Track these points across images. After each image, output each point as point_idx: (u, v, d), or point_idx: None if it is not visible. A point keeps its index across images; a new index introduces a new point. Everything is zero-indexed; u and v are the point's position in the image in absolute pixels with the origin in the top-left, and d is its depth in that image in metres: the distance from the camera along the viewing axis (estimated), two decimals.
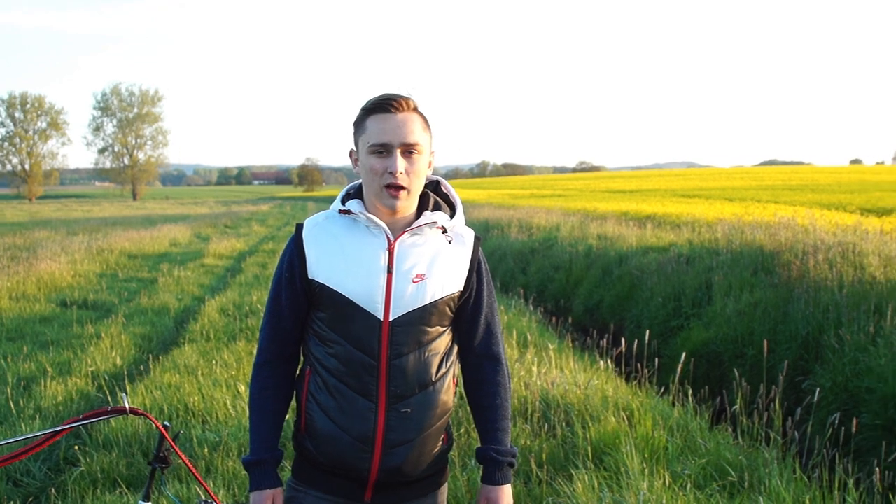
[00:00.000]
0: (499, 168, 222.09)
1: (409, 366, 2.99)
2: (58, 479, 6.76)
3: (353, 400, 2.98)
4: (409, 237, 3.02)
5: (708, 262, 14.49)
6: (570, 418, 7.36)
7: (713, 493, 5.88)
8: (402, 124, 2.93)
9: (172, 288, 17.87)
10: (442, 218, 3.07)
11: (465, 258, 3.11)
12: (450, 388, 3.11)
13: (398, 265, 2.98)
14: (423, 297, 2.99)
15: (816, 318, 10.32)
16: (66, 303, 15.76)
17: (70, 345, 11.47)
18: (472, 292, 3.13)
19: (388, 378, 2.97)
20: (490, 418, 3.14)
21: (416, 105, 3.00)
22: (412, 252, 3.00)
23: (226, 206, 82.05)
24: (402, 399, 2.99)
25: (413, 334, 2.99)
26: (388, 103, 2.93)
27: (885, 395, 8.24)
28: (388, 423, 2.98)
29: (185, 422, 7.63)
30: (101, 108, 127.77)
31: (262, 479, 3.05)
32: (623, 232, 20.43)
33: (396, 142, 2.91)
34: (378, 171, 2.94)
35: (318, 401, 3.04)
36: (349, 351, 2.97)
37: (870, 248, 12.04)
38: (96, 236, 30.34)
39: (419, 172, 2.99)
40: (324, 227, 3.07)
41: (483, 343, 3.17)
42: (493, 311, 3.20)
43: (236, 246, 29.79)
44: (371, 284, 2.96)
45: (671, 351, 11.94)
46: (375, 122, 2.94)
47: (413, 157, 2.95)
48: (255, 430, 3.11)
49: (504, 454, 3.09)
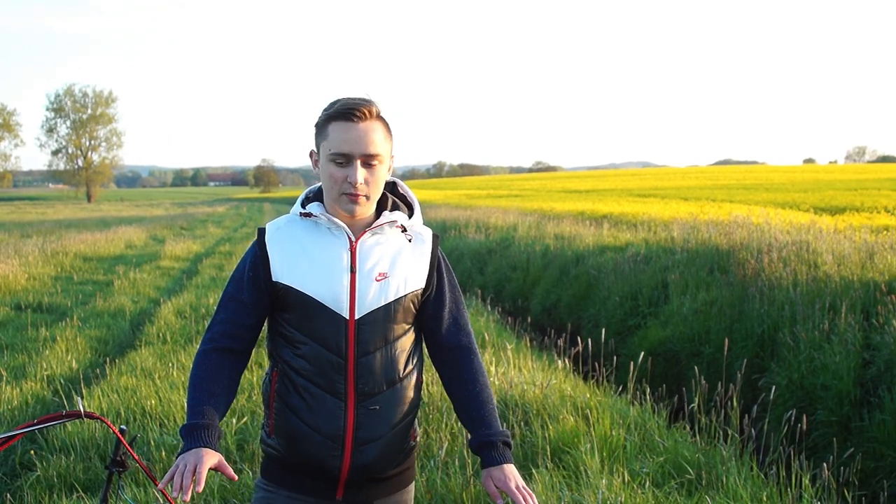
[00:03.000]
0: (455, 168, 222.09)
1: (377, 363, 3.02)
2: (13, 485, 6.70)
3: (322, 399, 3.00)
4: (371, 237, 3.06)
5: (664, 262, 14.58)
6: (528, 418, 7.37)
7: (671, 490, 5.91)
8: (364, 135, 2.95)
9: (128, 290, 17.74)
10: (401, 217, 3.10)
11: (425, 256, 3.14)
12: (416, 386, 3.14)
13: (361, 264, 3.01)
14: (386, 294, 3.02)
15: (772, 316, 10.41)
16: (20, 306, 15.60)
17: (25, 348, 11.35)
18: (433, 289, 3.16)
19: (355, 376, 3.00)
20: (474, 406, 3.14)
21: (379, 111, 3.02)
22: (374, 251, 3.04)
23: (182, 207, 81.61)
24: (370, 396, 3.02)
25: (379, 332, 3.02)
26: (352, 112, 2.95)
27: (840, 392, 8.33)
28: (357, 421, 3.01)
29: (143, 425, 7.57)
30: (55, 110, 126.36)
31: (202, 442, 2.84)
32: (580, 232, 20.50)
33: (357, 153, 2.94)
34: (338, 179, 2.97)
35: (287, 401, 3.04)
36: (317, 350, 2.99)
37: (823, 247, 12.16)
38: (50, 238, 30.06)
39: (378, 181, 3.03)
40: (286, 230, 3.09)
41: (453, 336, 3.19)
42: (459, 304, 3.23)
43: (192, 248, 29.62)
44: (335, 284, 2.99)
45: (629, 350, 12.00)
46: (337, 131, 2.96)
47: (374, 166, 2.98)
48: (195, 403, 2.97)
49: (496, 434, 3.08)
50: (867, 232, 13.44)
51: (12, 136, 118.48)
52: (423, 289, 3.13)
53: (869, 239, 12.49)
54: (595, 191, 45.95)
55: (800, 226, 15.08)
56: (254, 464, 6.72)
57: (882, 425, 7.73)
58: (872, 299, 9.69)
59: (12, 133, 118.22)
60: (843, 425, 8.19)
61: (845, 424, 8.20)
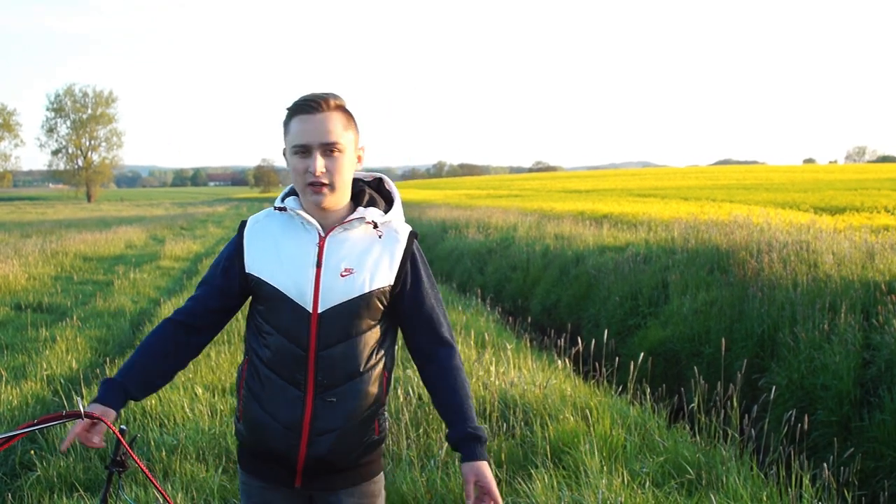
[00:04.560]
0: (455, 168, 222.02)
1: (337, 356, 3.09)
2: (14, 485, 6.69)
3: (282, 388, 3.10)
4: (341, 232, 3.13)
5: (664, 262, 14.58)
6: (528, 418, 7.37)
7: (671, 490, 5.91)
8: (321, 124, 3.03)
9: (128, 290, 17.74)
10: (373, 214, 3.17)
11: (396, 253, 3.19)
12: (379, 381, 3.19)
13: (327, 260, 3.09)
14: (351, 290, 3.08)
15: (772, 316, 10.41)
16: (20, 306, 15.61)
17: (25, 348, 11.36)
18: (408, 286, 3.21)
19: (316, 368, 3.08)
20: (454, 400, 3.18)
21: (340, 103, 3.11)
22: (342, 247, 3.12)
23: (182, 207, 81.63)
24: (329, 388, 3.09)
25: (341, 326, 3.09)
26: (307, 104, 3.05)
27: (840, 392, 8.33)
28: (314, 412, 3.09)
29: (143, 425, 7.57)
30: (55, 110, 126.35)
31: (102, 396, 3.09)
32: (580, 231, 20.49)
33: (315, 142, 3.03)
34: (300, 170, 3.06)
35: (252, 389, 3.17)
36: (281, 341, 3.10)
37: (823, 247, 12.16)
38: (50, 239, 30.06)
39: (341, 170, 3.09)
40: (263, 224, 3.23)
41: (431, 333, 3.25)
42: (437, 300, 3.29)
43: (192, 248, 29.64)
44: (300, 278, 3.08)
45: (629, 350, 12.00)
46: (297, 123, 3.05)
47: (334, 155, 3.06)
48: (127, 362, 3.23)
49: (479, 430, 3.12)
50: (867, 232, 13.44)
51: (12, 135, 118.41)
52: (392, 286, 3.17)
53: (869, 239, 12.49)
54: (595, 191, 45.95)
55: (800, 226, 15.09)
56: None
57: (882, 425, 7.73)
58: (872, 299, 9.68)
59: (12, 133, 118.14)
60: (843, 425, 8.19)
61: (845, 424, 8.19)
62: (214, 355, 9.94)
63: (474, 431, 3.10)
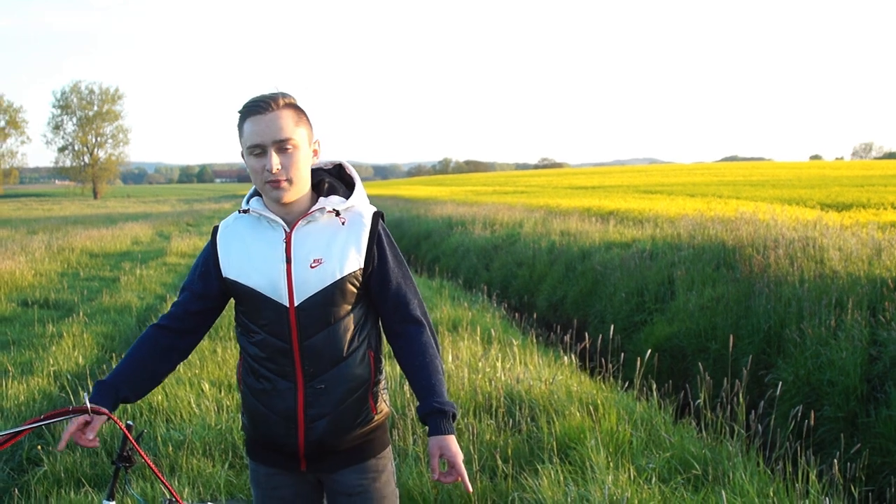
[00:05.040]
0: (461, 165, 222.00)
1: (320, 345, 3.19)
2: (21, 480, 6.71)
3: (274, 381, 3.24)
4: (305, 225, 3.23)
5: (670, 258, 14.56)
6: (534, 413, 7.38)
7: (677, 486, 5.91)
8: (273, 122, 3.11)
9: (134, 286, 17.78)
10: (333, 202, 3.26)
11: (362, 236, 3.26)
12: (364, 362, 3.28)
13: (295, 253, 3.19)
14: (323, 279, 3.18)
15: (778, 313, 10.39)
16: (27, 302, 15.65)
17: (32, 344, 11.38)
18: (374, 265, 3.28)
19: (301, 358, 3.20)
20: (423, 375, 3.24)
21: (290, 101, 3.19)
22: (308, 239, 3.21)
23: (188, 204, 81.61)
24: (316, 377, 3.21)
25: (319, 316, 3.19)
26: (256, 105, 3.12)
27: (847, 388, 8.32)
28: (306, 400, 3.22)
29: (149, 420, 7.59)
30: (61, 107, 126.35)
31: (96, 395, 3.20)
32: (586, 228, 20.47)
33: (268, 140, 3.11)
34: (258, 170, 3.15)
35: (248, 385, 3.32)
36: (265, 338, 3.23)
37: (830, 243, 12.14)
38: (57, 235, 30.15)
39: (297, 164, 3.16)
40: (232, 227, 3.35)
41: (400, 310, 3.32)
42: (405, 279, 3.36)
43: (198, 244, 29.62)
44: (273, 275, 3.19)
45: (635, 346, 12.00)
46: (249, 125, 3.13)
47: (288, 151, 3.14)
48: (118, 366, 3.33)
49: (446, 405, 3.17)
50: (874, 228, 13.41)
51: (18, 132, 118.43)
52: (363, 268, 3.25)
53: (876, 235, 12.47)
54: (601, 187, 45.90)
55: (806, 222, 15.06)
56: None
57: (889, 421, 7.72)
58: (879, 295, 9.67)
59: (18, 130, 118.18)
60: (849, 421, 8.18)
61: (852, 420, 8.18)
62: (221, 351, 9.96)
63: (440, 406, 3.16)
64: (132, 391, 3.29)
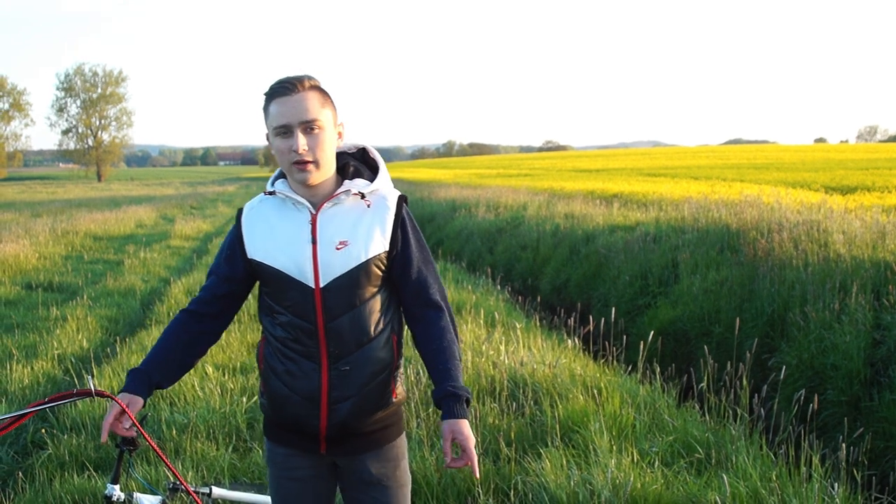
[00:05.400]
0: (465, 148, 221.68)
1: (345, 327, 3.20)
2: (25, 463, 6.73)
3: (298, 362, 3.24)
4: (330, 207, 3.24)
5: (674, 241, 14.54)
6: (538, 397, 7.38)
7: (681, 470, 5.92)
8: (299, 104, 3.12)
9: (138, 269, 17.79)
10: (359, 185, 3.27)
11: (387, 219, 3.28)
12: (388, 345, 3.30)
13: (321, 235, 3.20)
14: (348, 261, 3.19)
15: (782, 296, 10.39)
16: (31, 285, 15.67)
17: (36, 328, 11.41)
18: (398, 249, 3.29)
19: (326, 340, 3.20)
20: (440, 359, 3.26)
21: (315, 83, 3.20)
22: (333, 221, 3.22)
23: (191, 187, 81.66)
24: (340, 358, 3.22)
25: (345, 297, 3.20)
26: (283, 86, 3.14)
27: (850, 372, 8.32)
28: (330, 382, 3.22)
29: (153, 404, 7.60)
30: (65, 89, 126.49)
31: (129, 385, 3.25)
32: (590, 211, 20.45)
33: (295, 121, 3.12)
34: (284, 150, 3.16)
35: (271, 365, 3.32)
36: (290, 319, 3.23)
37: (834, 226, 12.12)
38: (61, 218, 30.17)
39: (323, 145, 3.18)
40: (257, 209, 3.36)
41: (421, 294, 3.34)
42: (427, 263, 3.37)
43: (202, 227, 29.69)
44: (299, 256, 3.20)
45: (638, 329, 12.00)
46: (276, 106, 3.14)
47: (314, 132, 3.15)
48: (150, 353, 3.38)
49: (461, 389, 3.19)
50: (878, 211, 13.38)
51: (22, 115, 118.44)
52: (388, 251, 3.27)
53: (880, 219, 12.44)
54: (605, 170, 45.84)
55: (810, 205, 15.03)
56: (263, 442, 6.75)
57: (892, 405, 7.71)
58: (883, 279, 9.66)
59: (22, 112, 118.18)
60: (852, 405, 8.18)
61: (855, 404, 8.18)
62: (225, 335, 9.94)
63: (454, 390, 3.17)
64: (164, 377, 3.33)
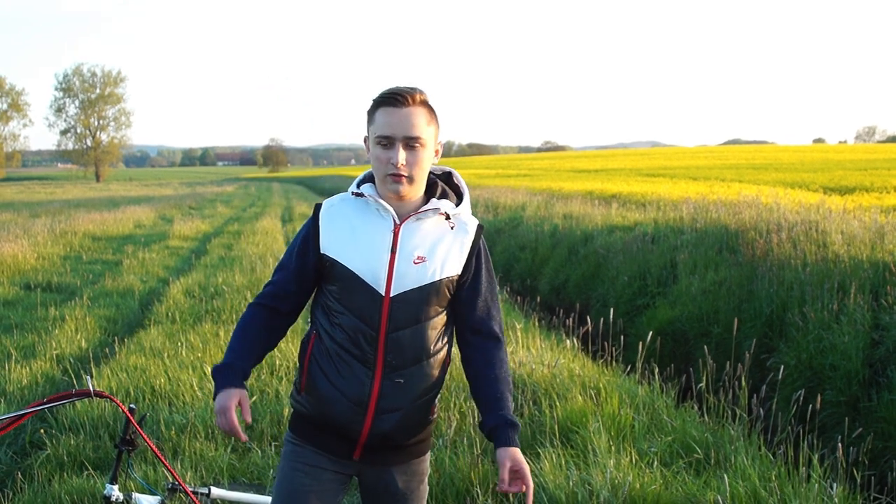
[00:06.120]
0: (464, 148, 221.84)
1: (406, 339, 3.21)
2: (24, 463, 6.72)
3: (352, 366, 3.22)
4: (414, 221, 3.24)
5: (673, 241, 14.55)
6: (537, 397, 7.39)
7: (679, 470, 5.92)
8: (406, 118, 3.12)
9: (137, 270, 17.76)
10: (446, 206, 3.27)
11: (465, 244, 3.30)
12: (442, 365, 3.33)
13: (401, 246, 3.20)
14: (422, 277, 3.20)
15: (781, 296, 10.39)
16: (29, 286, 15.64)
17: (34, 328, 11.38)
18: (470, 276, 3.31)
19: (385, 349, 3.20)
20: (497, 388, 3.27)
21: (425, 98, 3.20)
22: (416, 235, 3.23)
23: (190, 187, 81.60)
24: (397, 370, 3.22)
25: (411, 311, 3.20)
26: (394, 97, 3.13)
27: (849, 372, 8.32)
28: (381, 391, 3.21)
29: (152, 404, 7.60)
30: (64, 89, 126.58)
31: (227, 381, 3.21)
32: (588, 211, 20.47)
33: (399, 135, 3.12)
34: (382, 160, 3.15)
35: (321, 364, 3.27)
36: (353, 321, 3.21)
37: (833, 227, 12.12)
38: (59, 218, 30.12)
39: (421, 163, 3.18)
40: (339, 207, 3.33)
41: (483, 323, 3.35)
42: (493, 295, 3.39)
43: (201, 227, 29.64)
44: (375, 262, 3.19)
45: (637, 329, 12.00)
46: (382, 115, 3.14)
47: (416, 149, 3.15)
48: (230, 347, 3.33)
49: (515, 419, 3.21)
50: (877, 212, 13.39)
51: (21, 115, 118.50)
52: (460, 275, 3.29)
53: (879, 219, 12.44)
54: (604, 170, 45.88)
55: (809, 206, 15.03)
56: (262, 442, 6.75)
57: (891, 405, 7.72)
58: (882, 279, 9.66)
59: (21, 113, 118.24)
60: (851, 405, 8.18)
61: (854, 405, 8.19)
62: (223, 335, 9.96)
63: (512, 419, 3.19)
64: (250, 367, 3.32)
